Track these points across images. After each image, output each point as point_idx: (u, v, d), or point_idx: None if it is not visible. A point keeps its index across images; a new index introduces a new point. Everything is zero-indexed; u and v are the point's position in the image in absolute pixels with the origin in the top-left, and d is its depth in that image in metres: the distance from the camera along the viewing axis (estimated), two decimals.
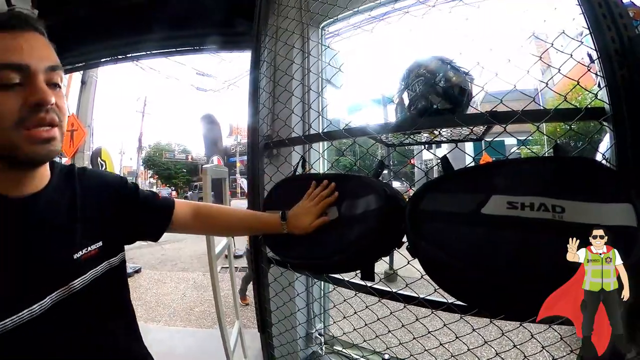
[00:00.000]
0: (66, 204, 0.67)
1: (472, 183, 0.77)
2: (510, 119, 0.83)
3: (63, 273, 0.62)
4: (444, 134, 1.39)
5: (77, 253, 0.64)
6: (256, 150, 1.33)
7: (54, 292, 0.60)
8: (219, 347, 1.75)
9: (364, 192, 0.90)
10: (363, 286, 1.04)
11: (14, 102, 0.54)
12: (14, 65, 0.54)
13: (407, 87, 1.25)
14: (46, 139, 0.57)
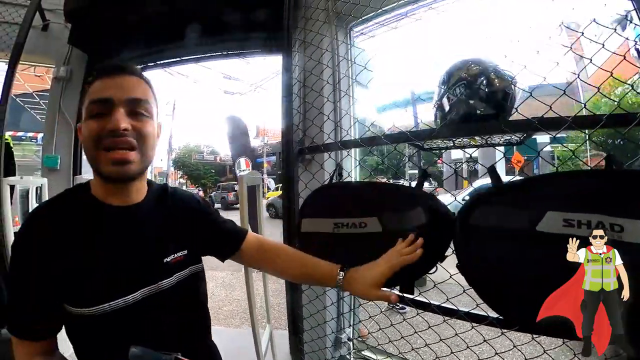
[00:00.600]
0: (160, 217, 0.79)
1: (524, 197, 0.72)
2: (561, 126, 0.79)
3: (154, 273, 0.73)
4: (483, 139, 1.33)
5: (166, 258, 0.75)
6: (291, 157, 1.31)
7: (145, 287, 0.71)
8: (247, 347, 1.76)
9: (409, 205, 0.86)
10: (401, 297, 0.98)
11: (95, 128, 0.65)
12: (100, 99, 0.66)
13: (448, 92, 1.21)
14: (119, 160, 0.66)
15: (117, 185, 0.71)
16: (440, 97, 1.23)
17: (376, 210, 0.91)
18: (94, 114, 0.66)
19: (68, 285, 0.65)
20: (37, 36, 2.71)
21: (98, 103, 0.66)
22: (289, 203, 1.29)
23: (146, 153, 0.70)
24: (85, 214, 0.70)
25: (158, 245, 0.75)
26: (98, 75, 0.70)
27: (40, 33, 2.79)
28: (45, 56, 2.90)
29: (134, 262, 0.71)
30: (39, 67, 4.09)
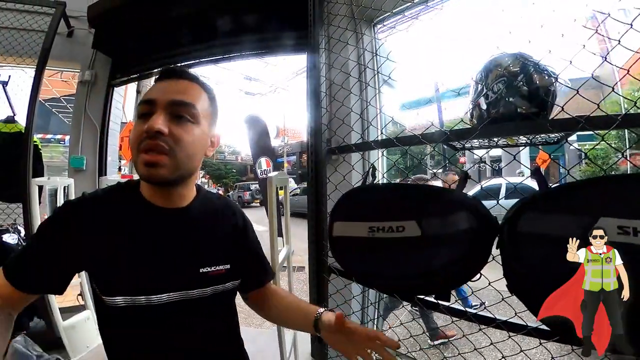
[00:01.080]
0: (203, 226, 0.78)
1: (575, 202, 0.68)
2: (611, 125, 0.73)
3: (185, 280, 0.72)
4: (523, 139, 1.27)
5: (203, 268, 0.74)
6: (320, 158, 1.27)
7: (173, 292, 0.70)
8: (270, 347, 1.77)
9: (452, 209, 0.81)
10: (436, 305, 0.95)
11: (139, 129, 0.67)
12: (145, 100, 0.69)
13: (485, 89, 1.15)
14: (149, 162, 0.65)
15: (160, 188, 0.72)
16: (478, 95, 1.18)
17: (415, 214, 0.86)
18: (140, 115, 0.68)
19: (98, 270, 0.68)
20: (62, 42, 2.80)
21: (143, 104, 0.68)
22: (316, 205, 1.25)
23: (180, 159, 0.68)
24: (130, 209, 0.72)
25: (195, 253, 0.74)
26: (156, 79, 0.73)
27: (66, 39, 2.88)
28: (71, 61, 2.98)
29: (166, 265, 0.70)
30: (65, 72, 4.22)
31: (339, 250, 1.03)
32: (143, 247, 0.70)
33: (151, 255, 0.70)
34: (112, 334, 0.71)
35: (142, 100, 0.69)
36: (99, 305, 0.69)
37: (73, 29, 2.89)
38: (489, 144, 1.37)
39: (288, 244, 1.87)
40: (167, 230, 0.73)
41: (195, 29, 2.43)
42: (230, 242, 0.83)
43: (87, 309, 2.60)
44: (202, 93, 0.74)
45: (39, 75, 2.43)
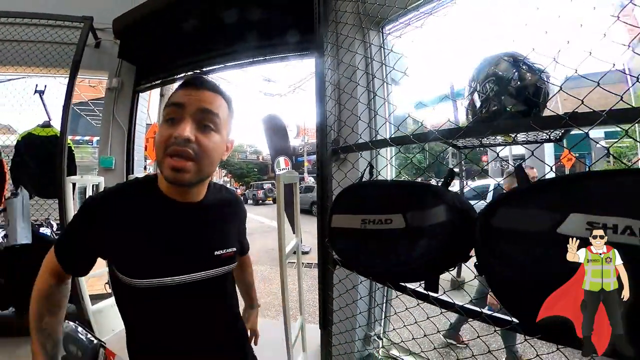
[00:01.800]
0: (215, 215, 0.89)
1: (549, 198, 0.68)
2: (595, 121, 0.73)
3: (203, 262, 0.83)
4: (520, 137, 1.29)
5: (217, 251, 0.85)
6: (325, 157, 1.37)
7: (193, 273, 0.80)
8: (280, 338, 1.83)
9: (433, 203, 0.87)
10: (426, 296, 1.01)
11: (164, 134, 0.72)
12: (173, 103, 0.74)
13: (477, 89, 1.19)
14: (175, 167, 0.71)
15: (177, 187, 0.79)
16: (471, 94, 1.22)
17: (401, 208, 0.93)
18: (167, 119, 0.73)
19: (126, 257, 0.76)
20: (91, 53, 2.99)
21: (172, 106, 0.73)
22: (322, 201, 1.35)
23: (204, 166, 0.74)
24: (152, 202, 0.80)
25: (211, 239, 0.85)
26: (180, 86, 0.78)
27: (94, 50, 3.09)
28: (99, 70, 3.19)
29: (187, 250, 0.80)
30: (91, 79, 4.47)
31: (336, 240, 1.11)
32: (166, 236, 0.79)
33: (173, 243, 0.79)
34: (137, 312, 0.80)
35: (171, 102, 0.73)
36: (124, 290, 0.77)
37: (100, 41, 3.10)
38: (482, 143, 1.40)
39: (297, 237, 1.98)
40: (185, 221, 0.82)
41: (212, 37, 2.56)
42: (237, 227, 0.97)
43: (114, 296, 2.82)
44: (223, 102, 0.78)
45: (71, 85, 2.62)
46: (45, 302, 0.80)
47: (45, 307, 0.80)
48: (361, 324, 1.78)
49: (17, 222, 2.54)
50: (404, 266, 0.89)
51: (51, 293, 0.81)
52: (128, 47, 2.94)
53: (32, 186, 2.70)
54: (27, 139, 2.72)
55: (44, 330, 0.79)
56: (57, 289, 0.82)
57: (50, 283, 0.81)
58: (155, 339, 0.80)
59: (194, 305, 0.82)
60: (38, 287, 0.81)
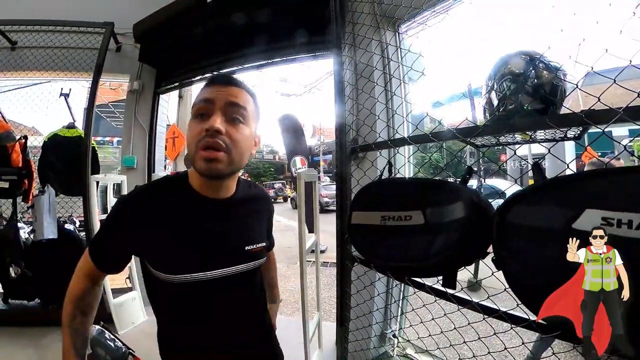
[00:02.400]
0: (245, 211, 0.90)
1: (564, 195, 0.69)
2: (611, 119, 0.73)
3: (234, 258, 0.85)
4: (538, 135, 1.29)
5: (248, 246, 0.87)
6: (344, 156, 1.40)
7: (224, 267, 0.82)
8: (296, 334, 1.86)
9: (451, 200, 0.89)
10: (443, 293, 1.03)
11: (198, 128, 0.74)
12: (203, 99, 0.76)
13: (494, 88, 1.19)
14: (207, 158, 0.73)
15: (210, 181, 0.81)
16: (488, 93, 1.22)
17: (421, 204, 0.95)
18: (197, 114, 0.76)
19: (159, 254, 0.78)
20: (112, 57, 3.10)
21: (201, 102, 0.76)
22: (341, 199, 1.38)
23: (235, 157, 0.77)
24: (183, 199, 0.81)
25: (242, 235, 0.87)
26: (207, 83, 0.80)
27: (115, 54, 3.19)
28: (120, 73, 3.30)
29: (219, 245, 0.82)
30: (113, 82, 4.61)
31: (356, 237, 1.13)
32: (197, 232, 0.80)
33: (207, 238, 0.81)
34: (169, 306, 0.83)
35: (201, 99, 0.76)
36: (157, 285, 0.80)
37: (121, 45, 3.21)
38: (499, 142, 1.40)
39: (316, 234, 2.01)
40: (216, 217, 0.83)
41: (229, 40, 2.61)
42: (266, 223, 0.99)
43: (134, 290, 2.94)
44: (249, 97, 0.81)
45: (94, 87, 2.73)
46: (78, 304, 0.82)
47: (78, 308, 0.81)
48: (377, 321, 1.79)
49: (44, 218, 2.66)
50: (423, 261, 0.91)
51: (84, 295, 0.82)
52: (148, 51, 3.03)
53: (58, 184, 2.83)
54: (53, 140, 2.85)
55: (76, 329, 0.81)
56: (90, 291, 0.84)
57: (83, 286, 0.83)
58: (187, 332, 0.82)
59: (225, 299, 0.84)
60: (72, 289, 0.83)
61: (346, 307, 1.52)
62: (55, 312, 2.69)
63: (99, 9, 3.06)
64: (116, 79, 3.69)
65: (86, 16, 2.88)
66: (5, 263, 2.82)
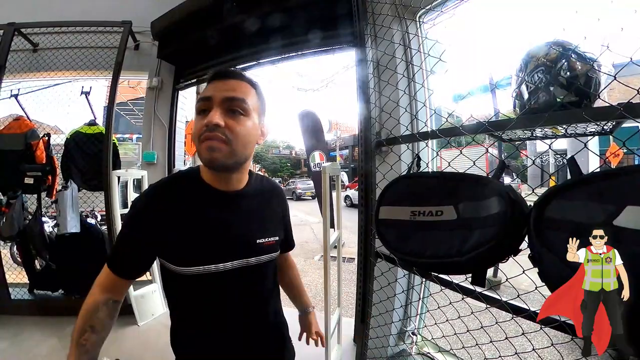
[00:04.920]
0: (257, 204, 0.91)
1: (604, 190, 0.67)
2: None
3: (245, 250, 0.85)
4: (568, 129, 1.24)
5: (259, 239, 0.88)
6: (369, 150, 1.37)
7: (235, 260, 0.83)
8: None
9: (486, 194, 0.87)
10: (471, 291, 1.01)
11: (199, 124, 0.77)
12: (203, 97, 0.79)
13: (525, 79, 1.15)
14: (209, 148, 0.76)
15: (219, 173, 0.83)
16: (519, 85, 1.19)
17: (453, 199, 0.93)
18: (199, 111, 0.79)
19: (173, 248, 0.78)
20: (131, 55, 3.13)
21: (201, 101, 0.79)
22: (366, 193, 1.36)
23: (236, 148, 0.78)
24: (195, 193, 0.83)
25: (253, 227, 0.87)
26: (208, 80, 0.83)
27: (134, 52, 3.23)
28: (139, 70, 3.33)
29: (231, 238, 0.83)
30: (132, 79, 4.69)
31: (384, 232, 1.11)
32: (210, 225, 0.81)
33: (217, 231, 0.81)
34: (183, 298, 0.84)
35: (200, 98, 0.79)
36: (171, 278, 0.81)
37: (139, 43, 3.24)
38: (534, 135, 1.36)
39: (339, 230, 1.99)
40: (228, 210, 0.84)
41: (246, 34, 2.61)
42: (279, 217, 0.99)
43: (154, 283, 3.00)
44: (250, 89, 0.82)
45: (114, 85, 2.78)
46: (90, 317, 0.79)
47: (88, 323, 0.79)
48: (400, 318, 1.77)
49: (68, 213, 2.74)
50: (455, 257, 0.88)
51: (97, 309, 0.80)
52: (166, 48, 3.05)
53: (81, 180, 2.90)
54: (75, 137, 2.93)
55: (83, 345, 0.78)
56: (104, 306, 0.81)
57: (98, 299, 0.81)
58: (199, 326, 0.83)
59: (236, 291, 0.84)
60: (85, 303, 0.81)
61: (368, 304, 1.51)
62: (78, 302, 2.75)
63: (116, 8, 3.09)
64: (135, 77, 3.74)
65: (104, 16, 2.93)
66: (31, 255, 2.95)
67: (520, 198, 0.87)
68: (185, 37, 2.85)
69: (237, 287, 0.84)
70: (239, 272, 0.83)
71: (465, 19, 1.76)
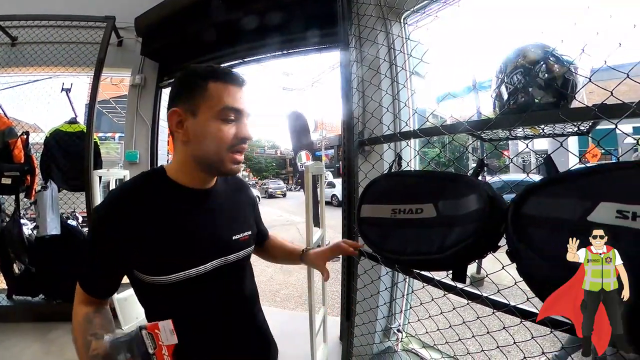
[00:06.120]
0: (229, 200, 0.91)
1: (579, 187, 0.70)
2: (624, 113, 0.74)
3: (224, 248, 0.84)
4: (547, 129, 1.28)
5: (235, 235, 0.87)
6: (351, 149, 1.39)
7: (215, 260, 0.81)
8: (300, 329, 1.85)
9: (465, 192, 0.88)
10: (452, 287, 1.03)
11: (229, 133, 0.78)
12: (236, 109, 0.78)
13: (505, 81, 1.18)
14: (239, 161, 0.81)
15: (205, 174, 0.83)
16: (498, 86, 1.21)
17: (432, 197, 0.94)
18: (227, 119, 0.77)
19: (145, 257, 0.74)
20: (114, 51, 3.07)
21: (234, 111, 0.78)
22: (349, 192, 1.37)
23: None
24: (165, 193, 0.79)
25: (228, 224, 0.87)
26: (228, 80, 0.78)
27: (117, 48, 3.17)
28: (122, 67, 3.27)
29: (208, 237, 0.81)
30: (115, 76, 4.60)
31: (366, 230, 1.12)
32: (187, 226, 0.78)
33: (194, 231, 0.79)
34: (163, 308, 0.78)
35: (232, 108, 0.77)
36: (148, 289, 0.77)
37: (122, 39, 3.18)
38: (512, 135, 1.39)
39: (322, 228, 2.00)
40: (202, 208, 0.83)
41: (232, 33, 2.60)
42: (250, 211, 1.00)
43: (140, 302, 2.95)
44: None
45: (96, 82, 2.72)
46: (87, 329, 0.74)
47: (88, 334, 0.73)
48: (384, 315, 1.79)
49: (47, 214, 2.66)
50: (435, 254, 0.89)
51: (91, 320, 0.76)
52: (150, 45, 3.01)
53: (61, 180, 2.83)
54: (55, 135, 2.85)
55: (96, 356, 0.70)
56: (96, 313, 0.78)
57: (87, 311, 0.78)
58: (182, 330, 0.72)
59: (217, 293, 0.83)
60: (76, 321, 0.77)
61: (352, 302, 1.52)
62: (60, 307, 2.72)
63: (99, 2, 3.03)
64: (118, 74, 3.67)
65: (87, 10, 2.87)
66: (10, 259, 2.84)
67: (499, 195, 0.88)
68: (170, 34, 2.81)
69: (217, 287, 0.82)
70: (219, 272, 0.82)
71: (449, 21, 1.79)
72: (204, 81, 0.77)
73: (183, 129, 0.78)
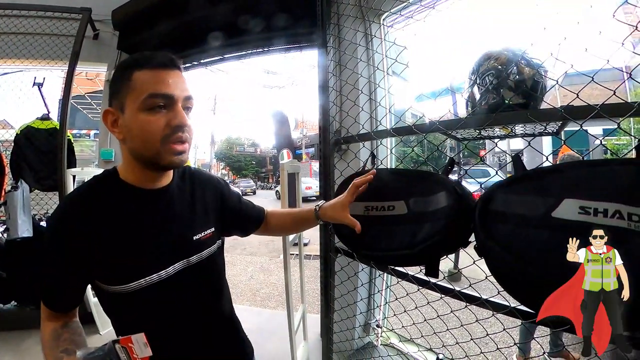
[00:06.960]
0: (186, 197, 0.86)
1: (544, 185, 0.73)
2: (588, 115, 0.77)
3: (185, 249, 0.80)
4: (518, 129, 1.33)
5: (196, 235, 0.83)
6: (327, 148, 1.40)
7: (176, 262, 0.78)
8: (281, 327, 1.86)
9: (435, 190, 0.91)
10: (426, 282, 1.05)
11: (161, 122, 0.70)
12: (163, 95, 0.69)
13: (477, 82, 1.22)
14: (180, 152, 0.72)
15: (158, 172, 0.78)
16: (471, 87, 1.25)
17: (404, 195, 0.97)
18: (154, 107, 0.69)
19: (103, 266, 0.70)
20: (89, 44, 2.96)
21: (161, 97, 0.69)
22: (325, 190, 1.39)
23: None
24: (119, 197, 0.75)
25: (187, 223, 0.82)
26: (153, 64, 0.71)
27: (92, 42, 3.05)
28: (98, 62, 3.16)
29: (167, 239, 0.77)
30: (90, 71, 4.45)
31: (340, 227, 1.13)
32: (144, 229, 0.74)
33: (151, 235, 0.75)
34: (129, 317, 0.75)
35: (158, 94, 0.69)
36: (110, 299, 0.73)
37: (98, 32, 3.07)
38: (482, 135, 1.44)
39: None
40: (159, 209, 0.78)
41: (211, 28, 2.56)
42: (215, 206, 0.92)
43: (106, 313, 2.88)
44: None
45: (70, 76, 2.63)
46: (57, 345, 0.70)
47: (59, 350, 0.69)
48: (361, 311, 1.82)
49: (18, 216, 2.55)
50: (406, 250, 0.92)
51: (60, 335, 0.73)
52: (127, 39, 2.93)
53: (33, 179, 2.71)
54: (26, 132, 2.73)
55: None
56: (65, 328, 0.74)
57: (54, 326, 0.74)
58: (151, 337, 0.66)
59: (182, 296, 0.79)
60: (45, 338, 0.73)
61: (330, 299, 1.54)
62: (33, 313, 2.60)
63: None
64: (93, 68, 3.55)
65: (62, 1, 2.75)
66: None
67: (467, 192, 0.92)
68: (148, 28, 2.75)
69: (182, 291, 0.78)
70: (182, 275, 0.78)
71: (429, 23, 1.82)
72: (128, 72, 0.70)
73: (118, 127, 0.73)
